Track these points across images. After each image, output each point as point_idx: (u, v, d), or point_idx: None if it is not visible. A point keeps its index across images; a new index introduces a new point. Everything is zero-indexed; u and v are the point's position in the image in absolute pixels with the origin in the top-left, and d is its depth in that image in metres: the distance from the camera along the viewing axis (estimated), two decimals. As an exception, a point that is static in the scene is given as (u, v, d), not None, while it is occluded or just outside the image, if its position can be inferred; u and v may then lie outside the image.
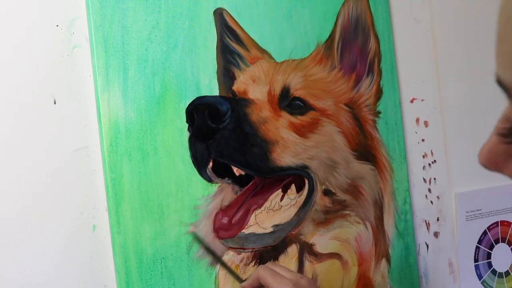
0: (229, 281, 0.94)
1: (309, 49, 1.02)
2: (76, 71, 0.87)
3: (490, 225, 1.19)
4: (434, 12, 1.16)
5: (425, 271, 1.12)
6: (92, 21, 0.86)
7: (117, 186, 0.87)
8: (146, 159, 0.89)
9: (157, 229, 0.89)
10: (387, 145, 1.08)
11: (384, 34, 1.09)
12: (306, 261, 0.99)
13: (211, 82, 0.94)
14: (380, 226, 1.06)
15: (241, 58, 0.98)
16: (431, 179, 1.14)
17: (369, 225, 1.04)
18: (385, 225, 1.07)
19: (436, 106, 1.15)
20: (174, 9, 0.92)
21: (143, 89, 0.89)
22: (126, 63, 0.88)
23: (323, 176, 1.00)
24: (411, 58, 1.13)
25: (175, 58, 0.92)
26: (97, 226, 0.87)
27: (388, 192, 1.07)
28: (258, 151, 0.94)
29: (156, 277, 0.88)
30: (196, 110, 0.91)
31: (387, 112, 1.08)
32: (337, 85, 1.04)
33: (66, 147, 0.86)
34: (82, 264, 0.86)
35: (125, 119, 0.88)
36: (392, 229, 1.08)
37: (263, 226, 0.96)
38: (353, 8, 1.06)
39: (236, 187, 0.95)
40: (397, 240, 1.08)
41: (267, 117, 0.96)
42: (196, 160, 0.92)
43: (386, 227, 1.07)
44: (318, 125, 1.00)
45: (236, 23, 0.97)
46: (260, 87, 0.98)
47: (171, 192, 0.90)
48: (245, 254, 0.95)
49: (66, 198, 0.86)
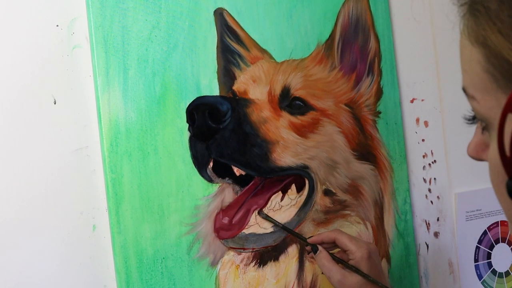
0: (229, 280, 0.94)
1: (309, 49, 1.02)
2: (76, 71, 0.87)
3: (490, 225, 1.19)
4: (434, 12, 1.16)
5: (425, 271, 1.12)
6: (92, 21, 0.86)
7: (117, 186, 0.87)
8: (147, 159, 0.89)
9: (157, 229, 0.89)
10: (387, 145, 1.08)
11: (384, 34, 1.09)
12: (307, 261, 0.99)
13: (211, 82, 0.94)
14: (380, 226, 1.06)
15: (242, 58, 0.98)
16: (431, 179, 1.14)
17: (369, 225, 1.04)
18: (385, 225, 1.07)
19: (436, 106, 1.15)
20: (174, 9, 0.92)
21: (143, 89, 0.89)
22: (126, 63, 0.88)
23: (324, 176, 1.00)
24: (411, 58, 1.13)
25: (175, 58, 0.92)
26: (97, 226, 0.87)
27: (388, 192, 1.08)
28: (258, 151, 0.93)
29: (156, 277, 0.88)
30: (197, 110, 0.91)
31: (387, 112, 1.08)
32: (337, 85, 1.04)
33: (66, 147, 0.86)
34: (82, 264, 0.86)
35: (125, 119, 0.88)
36: (392, 229, 1.08)
37: (264, 226, 0.96)
38: (353, 8, 1.05)
39: (236, 187, 0.95)
40: (397, 240, 1.08)
41: (268, 117, 0.96)
42: (197, 160, 0.92)
43: (386, 227, 1.07)
44: (319, 125, 1.00)
45: (237, 23, 0.97)
46: (261, 87, 0.97)
47: (172, 192, 0.90)
48: (246, 254, 0.95)
49: (66, 198, 0.86)
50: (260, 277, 0.96)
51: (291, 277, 0.98)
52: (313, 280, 0.99)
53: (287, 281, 0.98)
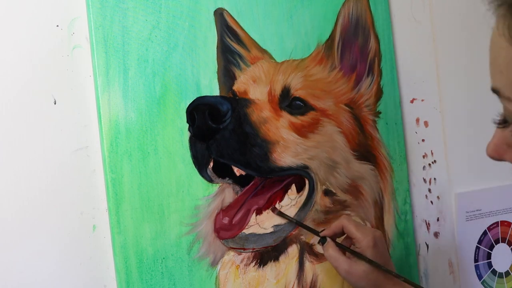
0: (229, 281, 0.94)
1: (309, 49, 1.02)
2: (76, 71, 0.87)
3: (490, 225, 1.19)
4: (434, 12, 1.16)
5: (425, 271, 1.12)
6: (92, 21, 0.86)
7: (117, 186, 0.87)
8: (147, 159, 0.89)
9: (157, 229, 0.89)
10: (387, 145, 1.08)
11: (384, 34, 1.09)
12: (307, 261, 0.99)
13: (211, 82, 0.94)
14: (380, 226, 1.06)
15: (242, 58, 0.98)
16: (431, 179, 1.14)
17: (369, 225, 1.04)
18: (385, 225, 1.07)
19: (436, 106, 1.15)
20: (174, 9, 0.92)
21: (143, 89, 0.89)
22: (126, 63, 0.88)
23: (324, 176, 1.00)
24: (411, 58, 1.13)
25: (175, 58, 0.92)
26: (97, 226, 0.87)
27: (388, 192, 1.08)
28: (258, 151, 0.93)
29: (156, 277, 0.88)
30: (197, 110, 0.91)
31: (387, 112, 1.08)
32: (337, 85, 1.04)
33: (66, 147, 0.86)
34: (82, 264, 0.86)
35: (125, 119, 0.88)
36: (392, 229, 1.08)
37: (264, 226, 0.96)
38: (353, 9, 1.06)
39: (236, 187, 0.95)
40: (397, 240, 1.08)
41: (268, 117, 0.96)
42: (197, 160, 0.92)
43: (386, 227, 1.07)
44: (319, 125, 1.00)
45: (237, 23, 0.97)
46: (261, 87, 0.98)
47: (172, 192, 0.90)
48: (246, 254, 0.95)
49: (66, 198, 0.86)
50: (260, 277, 0.96)
51: (291, 277, 0.98)
52: (313, 280, 0.99)
53: (287, 281, 0.98)
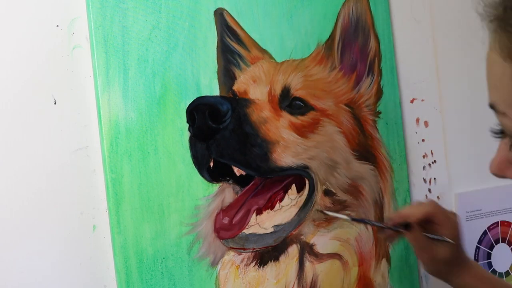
0: (229, 281, 0.94)
1: (310, 49, 1.02)
2: (76, 71, 0.87)
3: (490, 225, 1.19)
4: (434, 12, 1.16)
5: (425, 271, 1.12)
6: (92, 21, 0.86)
7: (117, 186, 0.87)
8: (147, 159, 0.89)
9: (157, 229, 0.89)
10: (387, 145, 1.08)
11: (384, 34, 1.09)
12: (307, 261, 0.99)
13: (211, 82, 0.94)
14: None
15: (242, 58, 0.98)
16: (431, 179, 1.14)
17: (369, 225, 1.04)
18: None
19: (436, 106, 1.15)
20: (174, 9, 0.92)
21: (143, 89, 0.89)
22: (126, 63, 0.88)
23: (324, 176, 1.00)
24: (411, 58, 1.13)
25: (175, 58, 0.92)
26: (97, 226, 0.87)
27: (388, 192, 1.07)
28: (258, 151, 0.93)
29: (156, 277, 0.88)
30: (197, 110, 0.91)
31: (387, 112, 1.08)
32: (338, 85, 1.04)
33: (66, 147, 0.86)
34: (82, 264, 0.86)
35: (125, 119, 0.88)
36: (392, 229, 1.08)
37: (264, 226, 0.96)
38: (353, 9, 1.06)
39: (236, 187, 0.95)
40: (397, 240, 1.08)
41: (268, 117, 0.96)
42: (197, 160, 0.92)
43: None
44: (319, 125, 1.00)
45: (237, 23, 0.97)
46: (261, 87, 0.98)
47: (172, 192, 0.90)
48: (246, 254, 0.95)
49: (66, 198, 0.86)
50: (260, 277, 0.96)
51: (291, 277, 0.98)
52: (313, 280, 0.99)
53: (287, 281, 0.98)
